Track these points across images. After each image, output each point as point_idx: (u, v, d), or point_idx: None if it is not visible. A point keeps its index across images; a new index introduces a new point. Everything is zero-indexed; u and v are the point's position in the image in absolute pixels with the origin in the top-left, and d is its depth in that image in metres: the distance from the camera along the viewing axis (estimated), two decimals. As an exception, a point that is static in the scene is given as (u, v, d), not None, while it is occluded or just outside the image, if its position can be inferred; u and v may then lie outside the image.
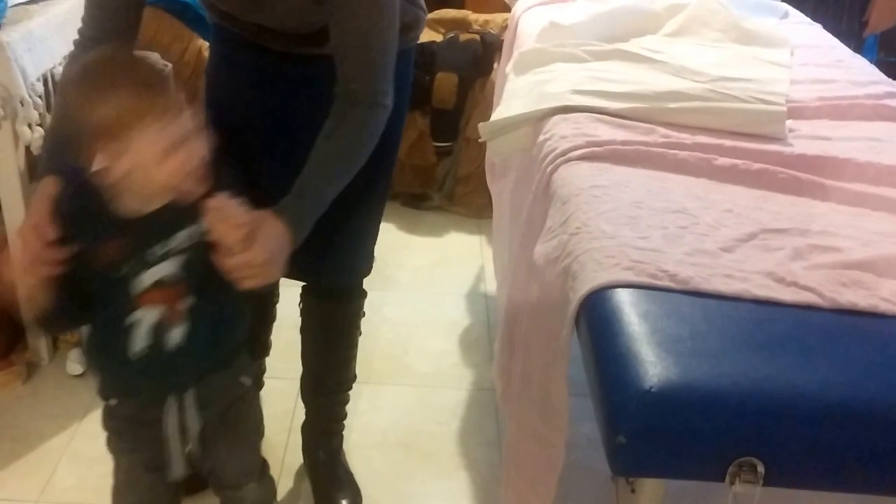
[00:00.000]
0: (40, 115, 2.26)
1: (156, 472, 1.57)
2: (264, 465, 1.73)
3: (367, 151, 1.58)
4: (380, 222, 1.93)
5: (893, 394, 1.06)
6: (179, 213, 1.38)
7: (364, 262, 1.94)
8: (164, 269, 1.42)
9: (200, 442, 1.57)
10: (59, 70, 2.36)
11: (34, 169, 2.36)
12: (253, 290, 1.39)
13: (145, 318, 1.44)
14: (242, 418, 1.64)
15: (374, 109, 1.56)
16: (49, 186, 1.45)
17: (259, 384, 1.99)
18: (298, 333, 2.05)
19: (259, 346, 2.09)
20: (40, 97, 2.27)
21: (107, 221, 1.39)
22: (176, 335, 1.46)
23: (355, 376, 2.12)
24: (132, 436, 1.56)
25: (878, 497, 1.12)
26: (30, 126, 2.23)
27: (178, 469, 1.56)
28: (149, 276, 1.41)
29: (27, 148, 2.26)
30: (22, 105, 2.19)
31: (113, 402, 1.53)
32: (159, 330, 1.45)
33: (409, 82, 1.84)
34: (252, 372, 1.63)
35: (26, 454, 2.22)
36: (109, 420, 1.57)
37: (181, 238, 1.41)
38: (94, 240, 1.38)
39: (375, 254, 3.20)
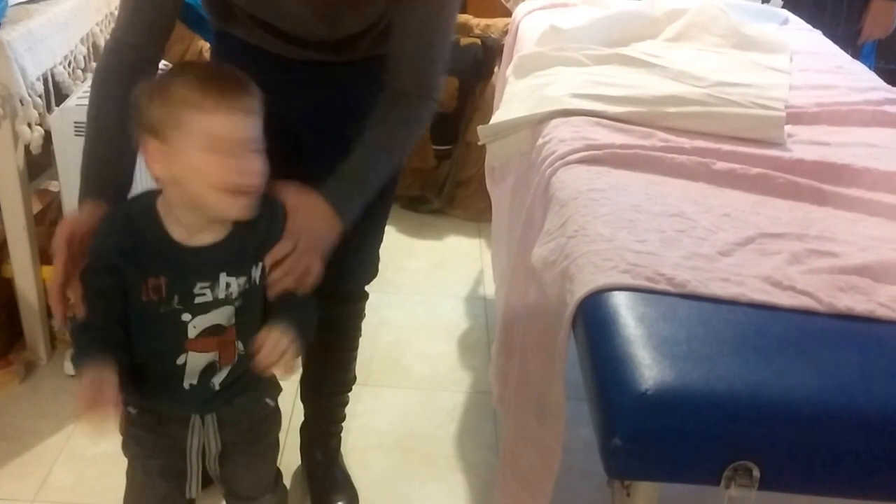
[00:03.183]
0: (40, 114, 2.26)
1: (172, 480, 1.56)
2: (278, 475, 1.73)
3: (413, 143, 1.63)
4: (385, 227, 1.93)
5: (889, 399, 1.06)
6: (225, 255, 1.38)
7: (370, 267, 1.94)
8: (215, 318, 1.41)
9: (219, 459, 1.57)
10: (60, 70, 2.36)
11: (34, 168, 2.37)
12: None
13: (197, 360, 1.44)
14: (262, 437, 1.63)
15: (426, 103, 1.60)
16: (82, 211, 1.46)
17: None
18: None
19: None
20: (40, 96, 2.27)
21: (153, 253, 1.37)
22: (222, 375, 1.47)
23: (355, 378, 2.12)
24: (151, 444, 1.54)
25: (874, 502, 1.13)
26: (29, 125, 2.22)
27: (195, 488, 1.56)
28: (200, 322, 1.40)
29: (27, 147, 2.26)
30: (22, 104, 2.19)
31: (133, 411, 1.51)
32: (208, 371, 1.45)
33: None
34: (276, 394, 1.63)
35: (23, 453, 2.22)
36: (128, 426, 1.55)
37: (232, 286, 1.40)
38: (140, 271, 1.37)
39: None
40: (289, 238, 1.41)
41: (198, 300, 1.38)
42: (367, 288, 2.02)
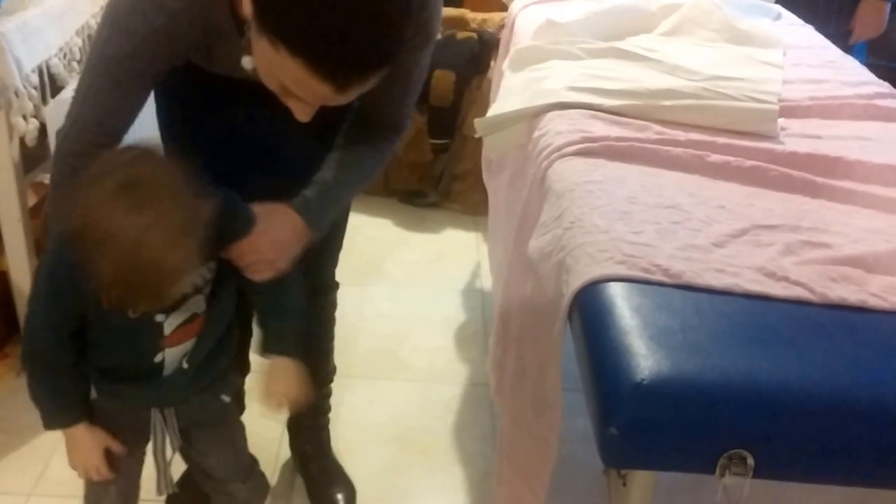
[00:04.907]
0: (35, 106, 2.25)
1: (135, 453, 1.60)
2: (254, 462, 1.74)
3: (382, 167, 1.65)
4: (348, 215, 1.93)
5: (882, 387, 1.07)
6: None
7: (336, 257, 1.95)
8: (185, 313, 1.43)
9: (182, 450, 1.60)
10: (55, 62, 2.36)
11: (29, 161, 2.36)
12: (262, 281, 1.45)
13: (174, 354, 1.46)
14: (220, 426, 1.64)
15: (399, 133, 1.64)
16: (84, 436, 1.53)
17: (241, 405, 1.97)
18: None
19: (241, 363, 2.09)
20: (35, 88, 2.26)
21: None
22: (187, 357, 1.48)
23: (335, 368, 2.13)
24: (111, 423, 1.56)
25: (867, 490, 1.14)
26: (24, 117, 2.22)
27: (161, 484, 1.59)
28: (175, 319, 1.42)
29: (21, 139, 2.25)
30: (16, 96, 2.18)
31: (94, 396, 1.53)
32: (183, 359, 1.47)
33: None
34: (233, 390, 1.64)
35: (20, 447, 2.22)
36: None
37: (196, 279, 1.41)
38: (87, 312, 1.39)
39: (371, 250, 3.21)
40: (251, 241, 1.43)
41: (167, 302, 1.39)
42: (364, 281, 2.03)
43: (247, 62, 1.29)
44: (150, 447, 1.59)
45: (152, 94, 1.50)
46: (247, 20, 1.21)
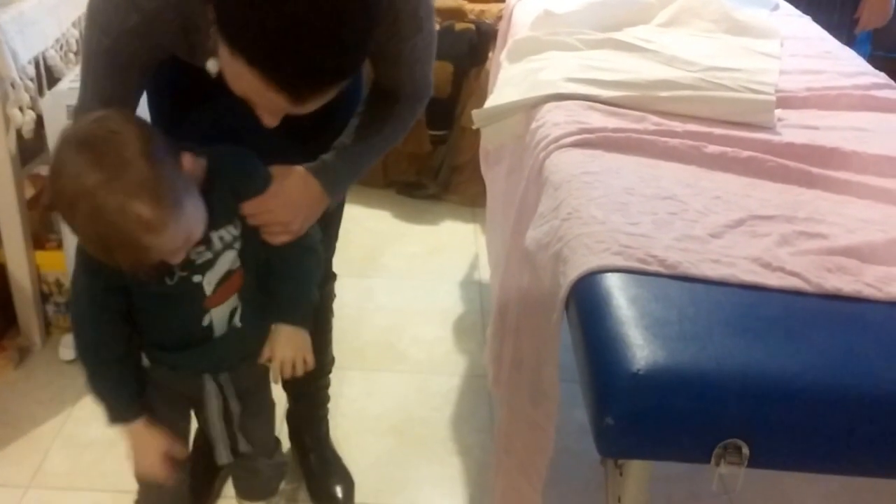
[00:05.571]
0: (31, 98, 2.25)
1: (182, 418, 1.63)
2: (277, 442, 1.77)
3: (406, 132, 1.66)
4: (343, 204, 1.94)
5: (876, 377, 1.07)
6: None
7: (332, 246, 1.95)
8: (220, 270, 1.44)
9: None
10: (51, 53, 2.36)
11: (26, 153, 2.36)
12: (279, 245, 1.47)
13: (222, 313, 1.48)
14: (261, 394, 1.67)
15: (421, 100, 1.64)
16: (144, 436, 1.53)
17: None
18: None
19: None
20: (31, 80, 2.26)
21: None
22: (237, 316, 1.50)
23: (333, 359, 2.13)
24: (159, 395, 1.57)
25: (860, 479, 1.14)
26: (21, 109, 2.22)
27: (226, 454, 1.61)
28: (212, 277, 1.44)
29: (18, 131, 2.25)
30: (13, 88, 2.18)
31: (145, 363, 1.54)
32: (232, 316, 1.49)
33: None
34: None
35: (18, 439, 2.22)
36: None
37: (226, 236, 1.43)
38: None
39: (370, 241, 3.22)
40: (264, 198, 1.45)
41: (199, 261, 1.41)
42: (362, 273, 2.03)
43: (212, 65, 1.30)
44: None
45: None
46: (212, 24, 1.21)
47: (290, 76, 1.17)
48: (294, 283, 1.54)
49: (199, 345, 1.49)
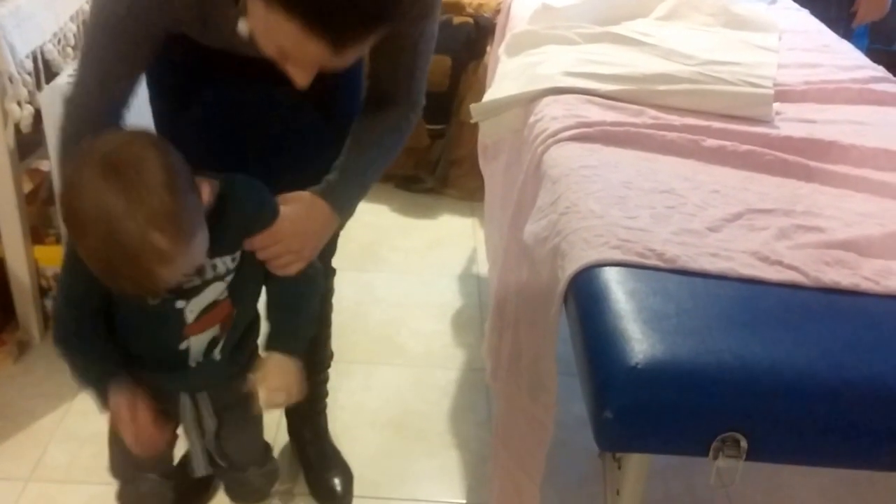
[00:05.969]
0: (29, 92, 2.25)
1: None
2: (267, 448, 1.76)
3: (402, 143, 1.64)
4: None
5: (874, 370, 1.08)
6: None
7: (334, 243, 1.95)
8: (205, 299, 1.42)
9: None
10: (49, 47, 2.35)
11: (24, 147, 2.36)
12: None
13: (200, 341, 1.46)
14: (245, 407, 1.64)
15: (415, 109, 1.63)
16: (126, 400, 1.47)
17: None
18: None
19: None
20: (29, 74, 2.26)
21: None
22: (220, 345, 1.48)
23: (332, 354, 2.13)
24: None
25: (856, 472, 1.14)
26: (19, 103, 2.21)
27: (200, 466, 1.59)
28: (196, 305, 1.41)
29: (16, 126, 2.25)
30: (10, 82, 2.18)
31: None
32: (212, 346, 1.47)
33: None
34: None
35: (17, 433, 2.22)
36: None
37: (219, 266, 1.41)
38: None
39: (368, 236, 3.22)
40: (274, 230, 1.43)
41: (186, 286, 1.38)
42: (360, 267, 2.03)
43: (242, 26, 1.27)
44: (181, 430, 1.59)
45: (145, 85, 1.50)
46: None
47: (332, 20, 1.15)
48: (293, 314, 1.52)
49: (175, 369, 1.47)
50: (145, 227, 1.17)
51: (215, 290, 1.42)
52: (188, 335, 1.44)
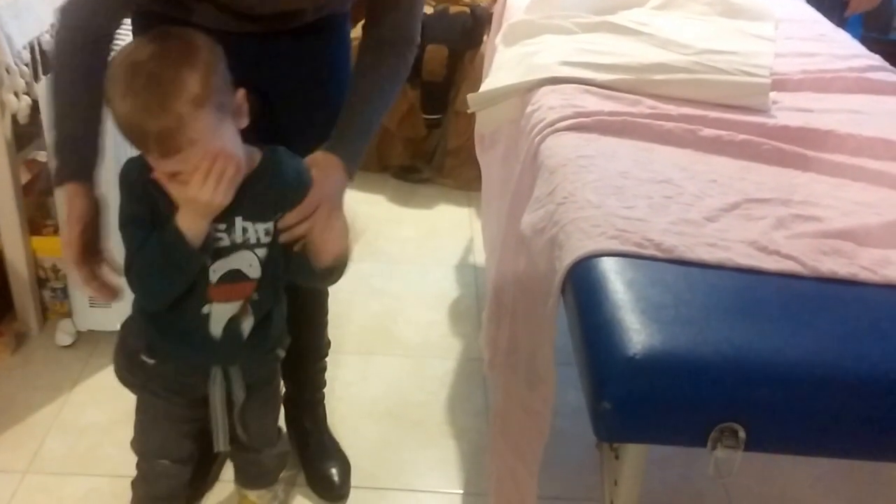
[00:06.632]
0: (27, 83, 2.25)
1: (183, 426, 1.62)
2: (280, 431, 1.77)
3: (400, 85, 1.66)
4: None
5: (872, 360, 1.08)
6: (240, 200, 1.38)
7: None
8: (230, 264, 1.44)
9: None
10: (47, 38, 2.35)
11: (22, 138, 2.36)
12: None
13: (221, 311, 1.47)
14: (270, 385, 1.68)
15: (411, 48, 1.64)
16: (74, 200, 1.46)
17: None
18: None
19: None
20: (27, 65, 2.26)
21: (169, 201, 1.36)
22: (246, 327, 1.50)
23: (329, 343, 2.13)
24: (168, 393, 1.58)
25: (856, 462, 1.15)
26: (16, 94, 2.21)
27: (223, 441, 1.60)
28: (220, 266, 1.43)
29: (14, 117, 2.25)
30: (8, 73, 2.18)
31: (150, 361, 1.53)
32: (233, 324, 1.49)
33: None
34: (287, 344, 1.66)
35: (14, 425, 2.22)
36: (141, 372, 1.56)
37: (250, 231, 1.43)
38: (159, 211, 1.38)
39: (366, 225, 3.21)
40: (311, 201, 1.45)
41: (215, 244, 1.40)
42: (357, 257, 2.01)
43: None
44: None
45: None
46: None
47: None
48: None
49: (198, 338, 1.48)
50: (181, 68, 1.26)
51: (243, 259, 1.44)
52: (211, 298, 1.45)
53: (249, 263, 1.45)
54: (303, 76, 1.68)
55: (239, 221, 1.42)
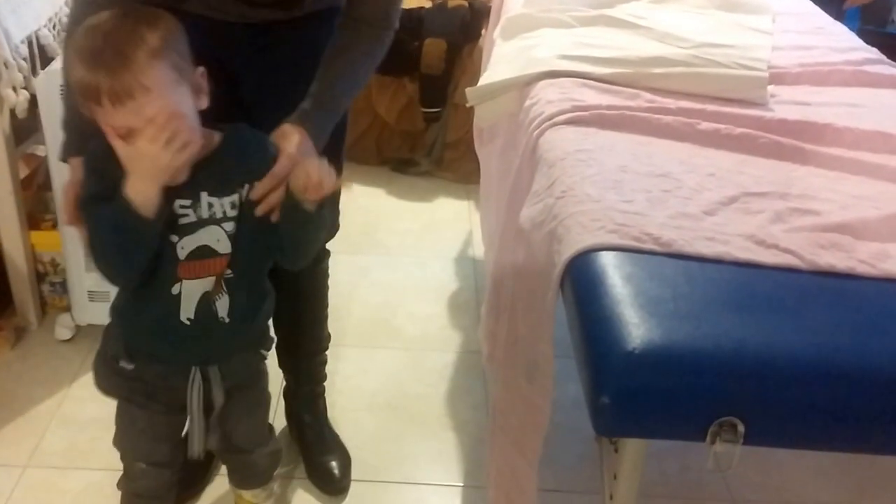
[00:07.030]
0: (25, 77, 2.25)
1: (164, 434, 1.61)
2: (271, 429, 1.77)
3: (373, 68, 1.66)
4: (340, 186, 1.93)
5: (870, 353, 1.08)
6: (205, 175, 1.40)
7: (331, 228, 1.94)
8: (202, 238, 1.43)
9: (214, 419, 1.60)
10: (45, 32, 2.35)
11: (20, 133, 2.36)
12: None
13: (191, 289, 1.45)
14: (255, 386, 1.67)
15: (387, 31, 1.64)
16: (75, 172, 1.49)
17: None
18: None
19: None
20: (25, 59, 2.26)
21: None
22: (222, 308, 1.48)
23: (330, 336, 2.14)
24: (147, 399, 1.57)
25: (853, 455, 1.15)
26: (14, 89, 2.21)
27: (198, 446, 1.58)
28: (188, 243, 1.42)
29: (12, 111, 2.25)
30: (6, 67, 2.18)
31: (128, 366, 1.52)
32: (205, 301, 1.47)
33: None
34: (270, 345, 1.66)
35: (15, 419, 2.23)
36: (120, 379, 1.55)
37: (216, 206, 1.42)
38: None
39: (364, 219, 3.21)
40: (281, 166, 1.45)
41: (182, 221, 1.40)
42: (356, 250, 2.03)
43: None
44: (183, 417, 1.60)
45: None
46: None
47: None
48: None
49: (172, 327, 1.47)
50: (138, 24, 1.29)
51: (210, 234, 1.43)
52: (181, 277, 1.44)
53: (217, 238, 1.44)
54: (294, 69, 1.67)
55: (204, 197, 1.41)
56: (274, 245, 1.48)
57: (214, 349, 1.53)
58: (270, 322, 1.66)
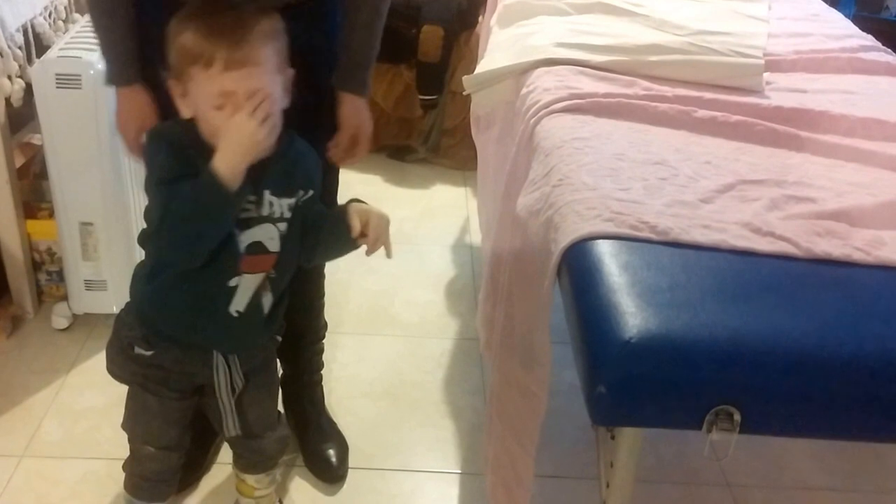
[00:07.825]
0: (20, 66, 2.24)
1: (184, 401, 1.62)
2: (280, 415, 1.78)
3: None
4: (339, 170, 1.94)
5: (866, 341, 1.08)
6: (270, 174, 1.44)
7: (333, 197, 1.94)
8: (257, 234, 1.46)
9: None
10: (40, 21, 2.34)
11: (16, 121, 2.35)
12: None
13: (248, 283, 1.49)
14: (267, 370, 1.69)
15: None
16: (124, 104, 1.63)
17: None
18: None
19: None
20: (20, 48, 2.25)
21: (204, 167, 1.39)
22: (266, 304, 1.53)
23: (326, 324, 2.14)
24: (159, 380, 1.58)
25: (848, 443, 1.16)
26: (9, 78, 2.21)
27: (234, 426, 1.61)
28: (245, 238, 1.45)
29: (7, 100, 2.24)
30: (1, 56, 2.17)
31: (146, 352, 1.54)
32: (257, 296, 1.51)
33: None
34: (283, 329, 1.67)
35: (11, 409, 2.22)
36: (135, 366, 1.57)
37: (276, 206, 1.46)
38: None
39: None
40: (345, 134, 1.69)
41: (242, 214, 1.43)
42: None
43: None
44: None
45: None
46: None
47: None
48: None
49: (218, 319, 1.50)
50: (257, 14, 1.38)
51: (265, 232, 1.47)
52: (242, 270, 1.47)
53: (270, 237, 1.48)
54: (306, 51, 1.67)
55: (267, 195, 1.45)
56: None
57: (248, 341, 1.57)
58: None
